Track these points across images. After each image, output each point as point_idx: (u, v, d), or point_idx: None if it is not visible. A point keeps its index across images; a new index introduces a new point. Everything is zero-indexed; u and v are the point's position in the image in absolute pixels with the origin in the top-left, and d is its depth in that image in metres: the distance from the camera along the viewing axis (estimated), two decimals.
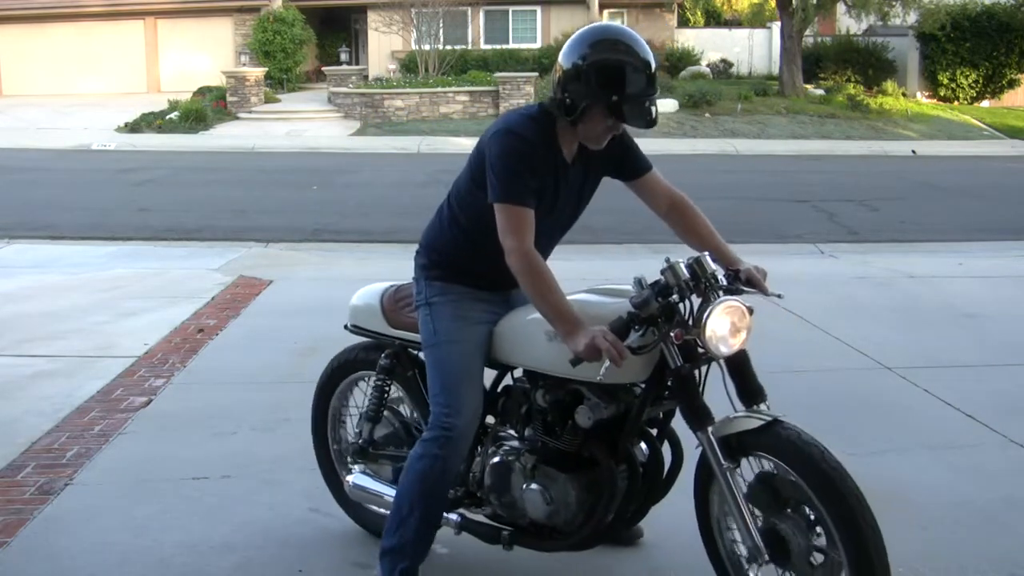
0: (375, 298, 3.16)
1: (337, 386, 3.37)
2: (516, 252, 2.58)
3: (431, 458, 2.72)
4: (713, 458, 2.52)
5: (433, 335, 2.80)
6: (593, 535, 2.75)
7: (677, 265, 2.53)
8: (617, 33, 2.64)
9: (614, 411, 2.63)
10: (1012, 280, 7.80)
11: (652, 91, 2.63)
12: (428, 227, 2.93)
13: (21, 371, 5.10)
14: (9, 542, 3.25)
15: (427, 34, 22.95)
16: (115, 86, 26.49)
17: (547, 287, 2.56)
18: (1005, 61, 25.35)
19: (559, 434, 2.71)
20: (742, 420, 2.54)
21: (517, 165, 2.59)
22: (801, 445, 2.46)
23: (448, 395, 2.73)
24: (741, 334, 2.58)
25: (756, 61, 29.01)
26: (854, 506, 2.36)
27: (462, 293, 2.82)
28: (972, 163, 17.56)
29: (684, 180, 3.58)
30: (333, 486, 3.42)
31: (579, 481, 2.68)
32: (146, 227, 10.13)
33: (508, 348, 2.80)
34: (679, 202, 2.95)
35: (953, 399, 4.74)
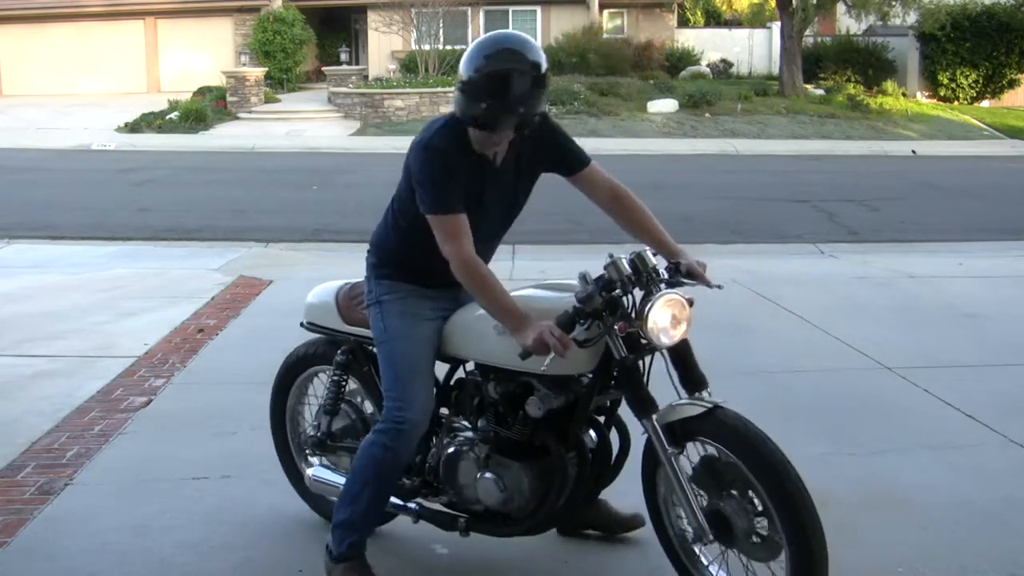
0: (330, 296, 3.24)
1: (294, 381, 3.46)
2: (456, 260, 2.69)
3: (382, 448, 2.82)
4: (658, 444, 2.64)
5: (384, 332, 2.90)
6: (546, 520, 2.87)
7: (619, 260, 2.63)
8: (507, 42, 2.68)
9: (563, 401, 2.73)
10: (1012, 280, 7.80)
11: (540, 90, 2.66)
12: (377, 228, 3.03)
13: (21, 371, 5.10)
14: (9, 542, 3.25)
15: (427, 34, 22.95)
16: (115, 86, 26.49)
17: (490, 289, 2.67)
18: (1005, 61, 25.35)
19: (511, 424, 2.82)
20: (685, 407, 2.66)
21: (439, 176, 2.68)
22: (743, 432, 2.59)
23: (399, 389, 2.82)
24: (682, 325, 2.67)
25: (756, 61, 29.02)
26: (793, 492, 2.49)
27: (410, 291, 2.92)
28: (972, 163, 17.56)
29: (684, 180, 3.58)
30: (293, 478, 3.51)
31: (531, 469, 2.78)
32: (146, 227, 10.13)
33: (459, 343, 2.89)
34: (621, 194, 3.00)
35: (953, 399, 4.73)
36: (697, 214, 11.27)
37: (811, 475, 3.82)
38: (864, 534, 3.35)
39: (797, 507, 2.48)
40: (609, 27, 27.69)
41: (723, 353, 5.56)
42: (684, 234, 10.19)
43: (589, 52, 24.67)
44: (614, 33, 27.50)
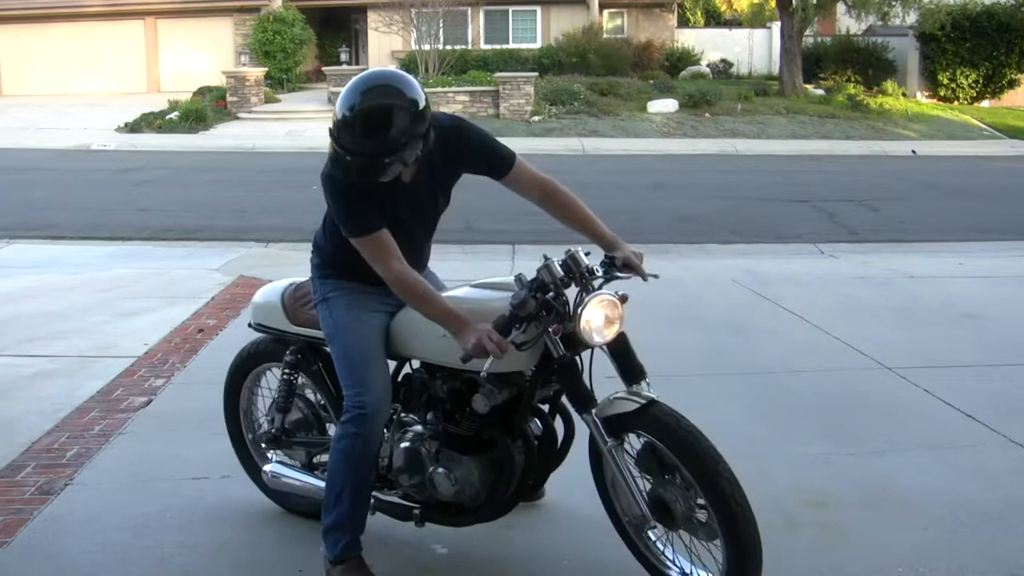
0: (276, 296, 3.31)
1: (246, 378, 3.54)
2: (387, 276, 2.78)
3: (351, 437, 2.86)
4: (599, 437, 2.75)
5: (333, 326, 2.98)
6: (497, 508, 2.97)
7: (552, 263, 2.69)
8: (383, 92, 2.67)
9: (508, 395, 2.82)
10: (1012, 280, 7.80)
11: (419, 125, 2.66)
12: (318, 231, 3.12)
13: (21, 371, 5.10)
14: (9, 542, 3.25)
15: (427, 34, 22.95)
16: (115, 86, 26.49)
17: (425, 299, 2.76)
18: (1005, 61, 25.34)
19: (458, 420, 2.91)
20: (621, 402, 2.75)
21: (348, 203, 2.77)
22: (675, 428, 2.67)
23: (355, 376, 2.89)
24: (615, 325, 2.75)
25: (756, 61, 29.01)
26: (724, 487, 2.58)
27: (354, 287, 3.00)
28: (972, 163, 17.56)
29: (684, 180, 3.59)
30: (251, 471, 3.59)
31: (480, 461, 2.89)
32: (146, 227, 10.12)
33: (405, 342, 2.98)
34: (551, 189, 3.04)
35: (953, 399, 4.73)
36: (697, 214, 11.27)
37: (811, 475, 3.85)
38: (864, 534, 3.35)
39: (728, 501, 2.57)
40: (609, 27, 27.69)
41: (723, 353, 5.57)
42: (684, 234, 10.23)
43: (589, 52, 24.67)
44: (614, 33, 27.50)
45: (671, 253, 9.10)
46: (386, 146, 2.62)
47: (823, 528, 3.40)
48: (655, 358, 5.38)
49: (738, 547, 2.59)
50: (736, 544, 2.59)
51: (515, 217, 10.82)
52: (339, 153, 2.66)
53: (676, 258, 8.78)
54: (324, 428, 3.39)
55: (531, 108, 20.84)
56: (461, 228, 9.57)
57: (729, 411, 4.59)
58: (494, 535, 3.33)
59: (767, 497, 3.64)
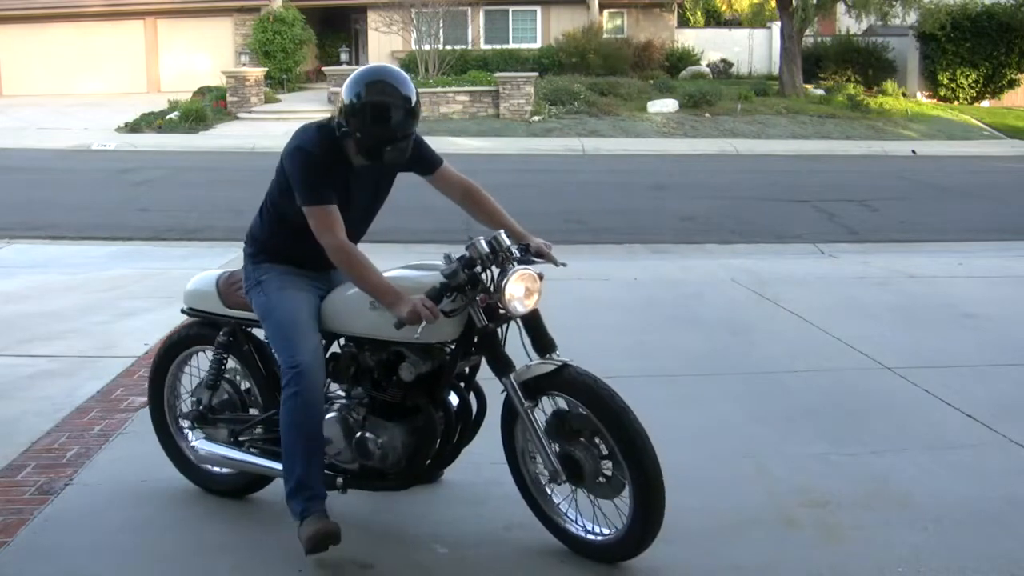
0: (211, 283, 3.59)
1: (172, 361, 3.74)
2: (332, 247, 3.06)
3: (291, 396, 3.08)
4: (516, 399, 3.05)
5: (267, 303, 3.24)
6: (415, 475, 3.25)
7: (479, 241, 3.02)
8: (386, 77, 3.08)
9: (431, 366, 3.11)
10: (1012, 280, 7.80)
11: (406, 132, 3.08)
12: (253, 222, 3.40)
13: (21, 371, 5.10)
14: (9, 542, 3.25)
15: (427, 34, 22.94)
16: (115, 86, 26.47)
17: (365, 270, 3.04)
18: (1005, 61, 25.33)
19: (385, 388, 3.19)
20: (538, 366, 3.07)
21: (310, 174, 3.06)
22: (591, 385, 2.99)
23: (288, 341, 3.13)
24: (534, 296, 3.07)
25: (756, 61, 29.01)
26: (634, 435, 2.92)
27: (286, 270, 3.29)
28: (972, 163, 17.56)
29: (684, 180, 3.59)
30: (171, 452, 3.77)
31: (404, 427, 3.17)
32: (146, 227, 10.13)
33: (336, 318, 3.24)
34: (471, 190, 3.42)
35: (953, 399, 4.74)
36: (697, 214, 11.28)
37: (811, 475, 3.85)
38: (864, 534, 3.35)
39: (638, 448, 2.91)
40: (609, 27, 27.68)
41: (723, 353, 5.57)
42: (684, 234, 10.24)
43: (589, 52, 24.66)
44: (614, 33, 27.49)
45: (671, 253, 9.10)
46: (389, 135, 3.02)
47: (823, 528, 3.41)
48: (655, 358, 5.42)
49: (647, 491, 2.92)
50: (645, 488, 2.91)
51: (516, 217, 10.82)
52: (346, 131, 3.04)
53: (676, 258, 8.78)
54: (247, 407, 3.61)
55: (531, 108, 20.83)
56: (460, 228, 9.57)
57: (729, 411, 4.59)
58: (494, 535, 3.34)
59: (767, 497, 3.65)
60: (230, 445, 3.54)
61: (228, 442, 3.55)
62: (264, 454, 3.46)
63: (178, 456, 3.74)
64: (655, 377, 5.09)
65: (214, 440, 3.58)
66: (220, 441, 3.56)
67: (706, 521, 3.42)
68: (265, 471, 3.43)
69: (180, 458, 3.74)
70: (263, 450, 3.48)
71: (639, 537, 3.01)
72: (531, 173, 14.86)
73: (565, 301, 6.81)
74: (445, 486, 3.65)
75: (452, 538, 3.30)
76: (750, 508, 3.55)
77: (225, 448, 3.53)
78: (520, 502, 3.31)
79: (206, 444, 3.57)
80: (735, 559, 3.18)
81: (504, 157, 16.72)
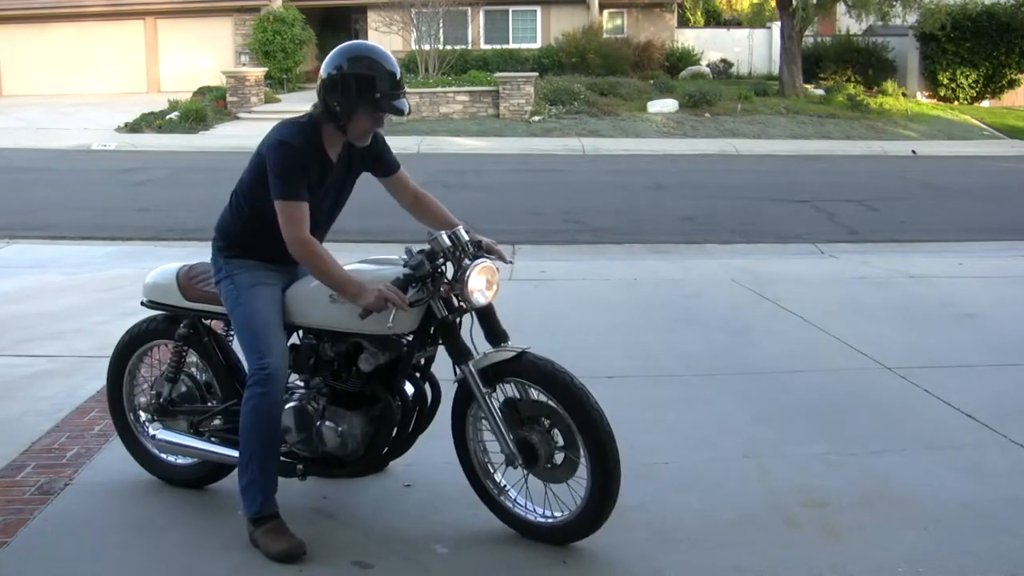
0: (171, 276, 3.63)
1: (131, 355, 3.79)
2: (296, 241, 3.14)
3: (257, 397, 3.17)
4: (475, 386, 3.15)
5: (237, 298, 3.30)
6: (372, 462, 3.38)
7: (441, 236, 3.16)
8: (367, 48, 3.27)
9: (389, 357, 3.22)
10: (1012, 280, 7.80)
11: (400, 88, 3.23)
12: (221, 216, 3.47)
13: (21, 371, 5.10)
14: (9, 542, 3.25)
15: (427, 34, 22.94)
16: (115, 86, 26.46)
17: (326, 265, 3.13)
18: (1005, 61, 25.32)
19: (344, 379, 3.31)
20: (497, 354, 3.18)
21: (290, 170, 3.13)
22: (549, 369, 3.12)
23: (257, 341, 3.21)
24: (494, 287, 3.22)
25: (756, 61, 29.01)
26: (594, 417, 3.05)
27: (256, 264, 3.35)
28: (972, 163, 17.55)
29: (684, 180, 3.60)
30: (130, 444, 3.82)
31: (362, 416, 3.28)
32: (146, 227, 10.12)
33: (297, 310, 3.33)
34: (421, 196, 3.56)
35: (953, 399, 4.74)
36: (697, 214, 11.27)
37: (811, 475, 3.85)
38: (864, 534, 3.35)
39: (597, 427, 3.05)
40: (609, 27, 27.68)
41: (723, 353, 5.57)
42: (684, 234, 10.24)
43: (589, 52, 24.66)
44: (614, 33, 27.49)
45: (671, 253, 9.10)
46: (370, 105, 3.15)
47: (823, 528, 3.41)
48: (655, 358, 5.42)
49: (605, 468, 3.06)
50: (604, 466, 3.05)
51: (516, 217, 10.83)
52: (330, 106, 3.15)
53: (676, 258, 8.78)
54: (206, 399, 3.67)
55: (531, 108, 20.83)
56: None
57: (729, 411, 4.59)
58: (494, 535, 3.34)
59: (767, 497, 3.65)
60: (190, 434, 3.60)
61: (188, 432, 3.61)
62: (224, 443, 3.53)
63: (137, 448, 3.80)
64: (655, 377, 5.09)
65: (173, 430, 3.64)
66: (180, 431, 3.63)
67: (706, 521, 3.42)
68: (226, 460, 3.49)
69: (139, 450, 3.79)
70: (223, 439, 3.54)
71: (596, 514, 3.14)
72: (531, 173, 14.86)
73: (565, 301, 6.81)
74: (445, 486, 3.65)
75: (452, 538, 3.30)
76: (750, 508, 3.55)
77: (185, 437, 3.59)
78: None
79: (166, 433, 3.63)
80: (735, 559, 3.18)
81: (504, 157, 16.72)
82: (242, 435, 3.22)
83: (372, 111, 3.18)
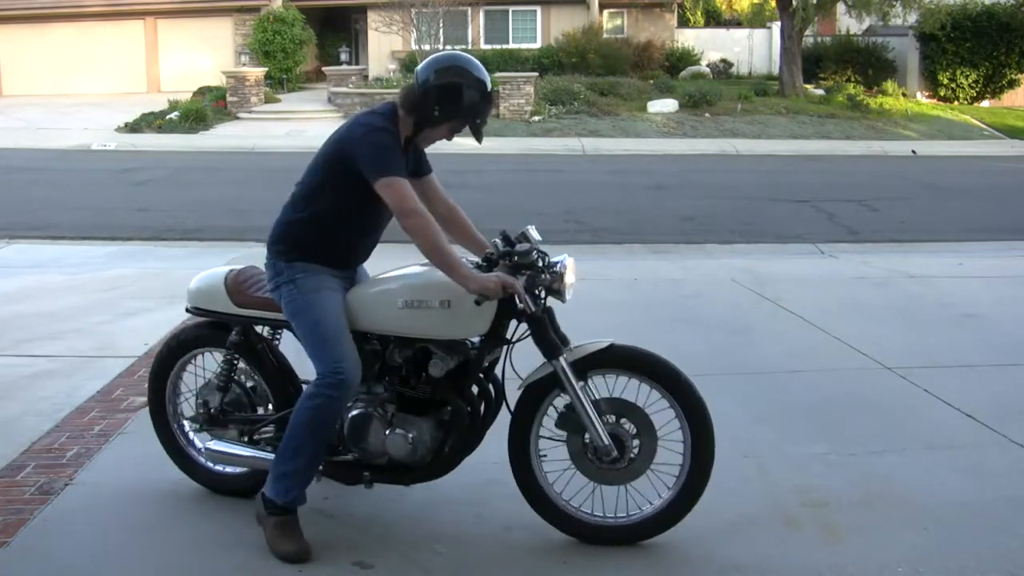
0: (218, 281, 3.51)
1: (175, 364, 3.68)
2: (413, 214, 3.07)
3: (325, 398, 3.11)
4: (566, 379, 3.14)
5: (302, 303, 3.22)
6: (443, 466, 3.28)
7: (529, 230, 3.21)
8: (484, 72, 3.21)
9: (457, 361, 3.19)
10: (1012, 280, 7.80)
11: (487, 114, 3.24)
12: (279, 222, 3.38)
13: (21, 371, 5.10)
14: (9, 542, 3.25)
15: (427, 34, 22.93)
16: (115, 86, 26.46)
17: (443, 243, 3.07)
18: (1005, 61, 25.32)
19: (414, 385, 3.25)
20: (588, 346, 3.20)
21: (389, 149, 3.12)
22: (641, 355, 3.21)
23: (329, 348, 3.14)
24: (575, 285, 3.25)
25: (756, 61, 29.00)
26: (696, 397, 3.16)
27: (318, 269, 3.28)
28: (972, 163, 17.55)
29: (684, 180, 3.60)
30: (175, 454, 3.71)
31: (432, 421, 3.23)
32: (146, 227, 10.12)
33: (364, 316, 3.24)
34: (454, 208, 3.48)
35: (953, 399, 4.74)
36: (697, 214, 11.27)
37: (811, 475, 3.85)
38: (864, 534, 3.35)
39: (694, 402, 3.16)
40: (609, 27, 27.67)
41: (723, 353, 5.57)
42: (684, 234, 10.24)
43: (589, 52, 24.66)
44: (614, 33, 27.48)
45: (671, 253, 9.10)
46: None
47: (823, 528, 3.41)
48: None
49: (705, 448, 3.16)
50: (704, 445, 3.16)
51: (516, 217, 10.82)
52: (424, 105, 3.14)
53: (676, 258, 8.78)
54: (255, 405, 3.59)
55: (531, 108, 20.83)
56: None
57: (729, 411, 4.58)
58: (494, 535, 3.34)
59: (767, 497, 3.65)
60: (243, 444, 3.51)
61: (239, 441, 3.52)
62: (274, 451, 3.40)
63: (182, 457, 3.70)
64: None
65: (224, 439, 3.54)
66: (231, 440, 3.53)
67: (706, 521, 3.41)
68: None
69: (185, 460, 3.69)
70: (274, 448, 3.41)
71: (690, 497, 3.20)
72: (531, 173, 14.86)
73: None
74: (445, 486, 3.64)
75: (452, 538, 3.30)
76: (750, 508, 3.55)
77: (239, 447, 3.49)
78: (520, 502, 3.31)
79: (218, 444, 3.52)
80: (735, 559, 3.19)
81: (504, 157, 16.71)
82: (294, 428, 3.16)
83: (459, 129, 3.21)
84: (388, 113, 3.21)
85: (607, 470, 3.22)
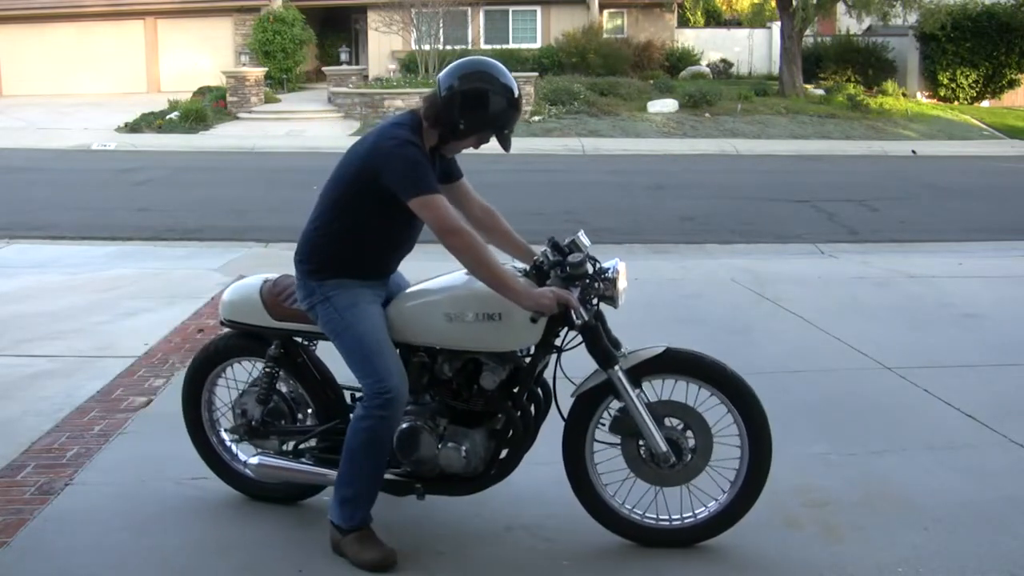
0: (254, 292, 3.40)
1: (208, 375, 3.60)
2: (456, 232, 2.98)
3: (377, 419, 3.04)
4: (622, 387, 3.09)
5: (341, 321, 3.12)
6: (498, 475, 3.24)
7: (579, 237, 3.13)
8: (512, 80, 3.14)
9: (509, 371, 3.14)
10: (1012, 280, 7.80)
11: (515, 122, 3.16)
12: (304, 239, 3.24)
13: (21, 371, 5.10)
14: (9, 542, 3.25)
15: (427, 34, 22.92)
16: (115, 86, 26.46)
17: (491, 259, 2.99)
18: (1005, 61, 25.31)
19: (465, 397, 3.18)
20: (642, 352, 3.16)
21: (421, 164, 3.00)
22: (698, 359, 3.19)
23: (373, 365, 3.05)
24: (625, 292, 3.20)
25: (756, 61, 29.00)
26: (748, 395, 3.15)
27: (352, 284, 3.17)
28: (972, 163, 17.55)
29: (684, 180, 3.60)
30: (214, 463, 3.65)
31: (484, 432, 3.18)
32: (146, 227, 10.12)
33: (408, 328, 3.17)
34: (490, 210, 3.42)
35: (953, 399, 4.74)
36: (697, 214, 11.27)
37: (811, 475, 3.85)
38: (864, 534, 3.35)
39: (751, 405, 3.15)
40: (609, 27, 27.67)
41: (723, 353, 5.54)
42: (684, 234, 10.24)
43: (589, 52, 24.65)
44: (614, 33, 27.48)
45: (671, 253, 9.10)
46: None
47: (823, 528, 3.41)
48: None
49: (761, 448, 3.15)
50: (760, 440, 3.14)
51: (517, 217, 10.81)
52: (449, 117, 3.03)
53: (676, 258, 8.78)
54: (295, 414, 3.52)
55: (531, 108, 20.82)
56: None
57: None
58: (494, 535, 3.34)
59: (767, 497, 3.64)
60: (288, 457, 3.43)
61: (281, 453, 3.45)
62: (320, 463, 3.38)
63: (223, 469, 3.63)
64: None
65: (267, 452, 3.48)
66: (273, 453, 3.47)
67: None
68: (330, 481, 3.29)
69: (226, 470, 3.63)
70: (319, 459, 3.40)
71: (748, 496, 3.20)
72: (531, 173, 14.85)
73: None
74: None
75: (452, 538, 3.30)
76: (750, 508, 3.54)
77: (283, 461, 3.42)
78: (521, 502, 3.31)
79: (263, 459, 3.44)
80: (735, 559, 3.19)
81: (504, 157, 16.64)
82: (351, 452, 3.09)
83: (486, 138, 3.13)
84: (412, 124, 3.09)
85: (665, 473, 3.18)
